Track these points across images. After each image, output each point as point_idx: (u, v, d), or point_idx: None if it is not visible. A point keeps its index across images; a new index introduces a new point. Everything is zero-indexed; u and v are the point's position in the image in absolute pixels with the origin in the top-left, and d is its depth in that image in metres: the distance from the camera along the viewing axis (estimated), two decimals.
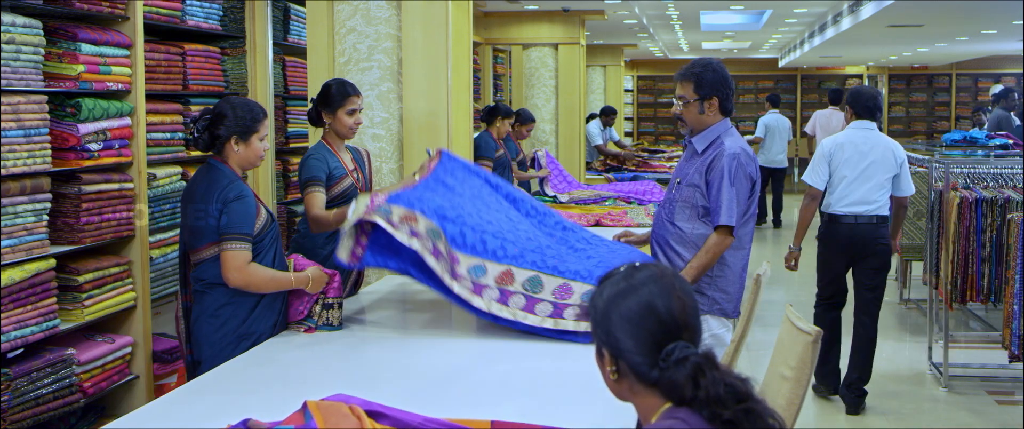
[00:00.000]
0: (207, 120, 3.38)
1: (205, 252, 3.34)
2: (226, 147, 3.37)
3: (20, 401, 3.38)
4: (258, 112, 3.42)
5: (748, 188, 3.68)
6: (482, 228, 3.46)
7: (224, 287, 3.32)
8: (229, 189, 3.30)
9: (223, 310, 3.34)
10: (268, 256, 3.40)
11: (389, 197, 3.42)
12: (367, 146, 4.53)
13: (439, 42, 4.47)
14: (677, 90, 3.77)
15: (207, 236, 3.31)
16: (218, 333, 3.34)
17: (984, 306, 6.78)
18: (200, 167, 3.48)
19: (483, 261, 3.37)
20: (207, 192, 3.31)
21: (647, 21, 12.34)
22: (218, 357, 3.26)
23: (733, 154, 3.65)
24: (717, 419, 1.60)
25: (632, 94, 21.71)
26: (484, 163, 6.56)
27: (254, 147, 3.40)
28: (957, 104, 20.47)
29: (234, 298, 3.33)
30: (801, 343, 2.41)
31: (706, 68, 3.70)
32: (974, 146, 6.71)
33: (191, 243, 3.39)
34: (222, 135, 3.36)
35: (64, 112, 3.70)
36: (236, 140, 3.36)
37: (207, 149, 3.41)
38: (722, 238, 3.63)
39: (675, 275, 1.74)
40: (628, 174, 10.07)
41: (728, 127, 3.75)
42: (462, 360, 3.15)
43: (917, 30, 11.69)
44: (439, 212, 3.42)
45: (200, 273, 3.38)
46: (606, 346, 1.72)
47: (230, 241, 3.26)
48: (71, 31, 3.70)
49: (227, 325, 3.33)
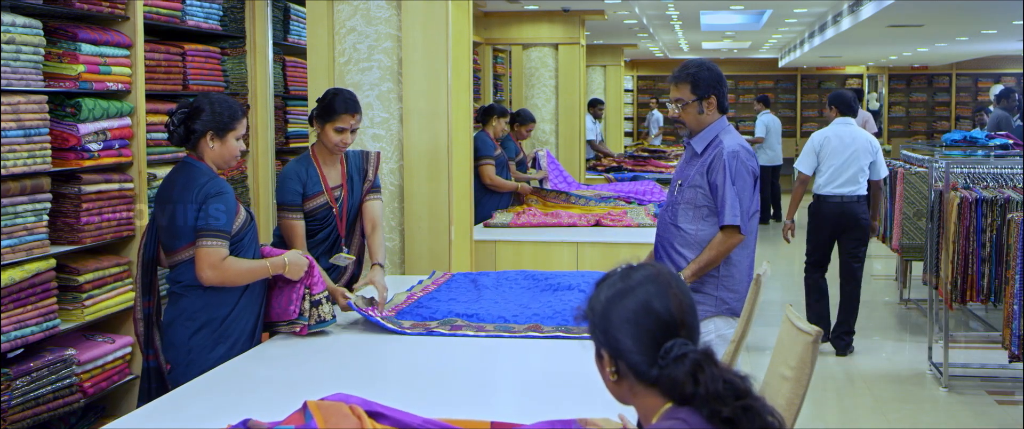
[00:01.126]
0: (184, 114, 3.29)
1: (184, 253, 3.24)
2: (201, 143, 3.28)
3: (20, 401, 3.38)
4: (236, 110, 3.34)
5: (751, 184, 3.67)
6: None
7: (203, 289, 3.24)
8: (209, 186, 3.21)
9: (201, 313, 3.25)
10: (246, 255, 3.32)
11: (398, 313, 3.60)
12: (367, 146, 4.52)
13: (439, 42, 4.46)
14: (672, 93, 3.76)
15: (186, 236, 3.22)
16: (195, 337, 3.25)
17: (984, 306, 6.78)
18: (175, 166, 3.39)
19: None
20: (185, 190, 3.22)
21: (647, 21, 12.34)
22: (193, 362, 3.20)
23: (733, 152, 3.65)
24: (716, 416, 1.60)
25: (632, 94, 21.71)
26: (486, 162, 6.54)
27: (230, 145, 3.32)
28: (957, 104, 20.47)
29: (212, 300, 3.25)
30: (801, 343, 2.41)
31: (701, 68, 3.70)
32: (974, 146, 6.71)
33: (169, 244, 3.28)
34: (198, 130, 3.26)
35: (64, 112, 3.70)
36: (212, 136, 3.27)
37: (182, 143, 3.32)
38: (727, 237, 3.63)
39: (671, 274, 1.75)
40: (628, 174, 10.07)
41: (725, 125, 3.75)
42: (462, 360, 3.15)
43: (917, 30, 11.69)
44: (452, 311, 3.61)
45: (178, 275, 3.28)
46: (605, 347, 1.73)
47: (206, 238, 3.17)
48: (71, 31, 3.70)
49: (205, 328, 3.25)
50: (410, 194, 4.52)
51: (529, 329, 3.40)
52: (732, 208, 3.61)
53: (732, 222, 3.61)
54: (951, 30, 12.25)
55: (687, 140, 3.79)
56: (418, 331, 3.39)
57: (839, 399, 5.57)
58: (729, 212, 3.61)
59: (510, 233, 5.86)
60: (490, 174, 6.57)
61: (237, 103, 3.40)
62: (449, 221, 4.53)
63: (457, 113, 4.66)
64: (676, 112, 3.75)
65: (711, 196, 3.67)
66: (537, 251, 5.58)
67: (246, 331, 3.33)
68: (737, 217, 3.61)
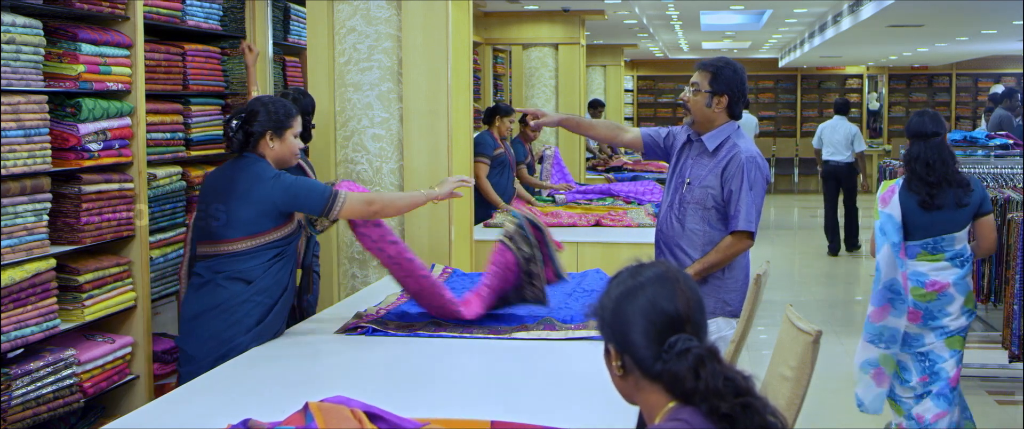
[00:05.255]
0: (241, 118, 3.38)
1: (238, 244, 3.30)
2: (260, 143, 3.38)
3: (20, 401, 3.38)
4: (291, 108, 3.45)
5: (764, 190, 3.70)
6: None
7: (245, 283, 3.29)
8: (282, 174, 3.33)
9: (242, 307, 3.29)
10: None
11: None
12: (367, 146, 4.53)
13: (439, 42, 4.46)
14: (694, 77, 3.76)
15: (244, 227, 3.29)
16: (231, 329, 3.28)
17: (984, 306, 6.78)
18: (234, 160, 3.44)
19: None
20: (256, 182, 3.30)
21: (647, 21, 12.34)
22: (225, 357, 3.21)
23: (751, 157, 3.65)
24: (715, 412, 1.61)
25: (632, 94, 21.70)
26: (480, 160, 6.51)
27: (289, 143, 3.42)
28: (957, 104, 20.46)
29: (254, 297, 3.30)
30: (801, 343, 2.41)
31: (727, 66, 3.70)
32: (974, 146, 6.71)
33: (221, 233, 3.32)
34: (257, 131, 3.36)
35: (64, 112, 3.70)
36: (271, 136, 3.38)
37: (242, 148, 3.39)
38: (738, 241, 3.63)
39: (680, 272, 1.77)
40: (628, 174, 10.07)
41: (737, 128, 3.75)
42: (462, 360, 3.15)
43: (917, 30, 11.69)
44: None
45: (220, 265, 3.32)
46: (613, 342, 1.75)
47: (335, 199, 3.32)
48: (71, 31, 3.70)
49: (241, 323, 3.28)
50: None
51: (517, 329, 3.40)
52: (747, 214, 3.60)
53: (747, 228, 3.60)
54: (951, 30, 12.25)
55: (695, 135, 3.77)
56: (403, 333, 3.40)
57: (839, 399, 5.56)
58: (743, 218, 3.60)
59: None
60: (480, 175, 6.50)
61: (289, 102, 3.51)
62: (449, 221, 4.54)
63: (457, 113, 4.65)
64: (687, 95, 3.75)
65: (723, 199, 3.66)
66: None
67: (274, 327, 3.38)
68: (752, 223, 3.61)
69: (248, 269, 3.30)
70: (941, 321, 4.40)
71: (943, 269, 4.38)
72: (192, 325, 3.36)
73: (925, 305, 4.40)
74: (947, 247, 4.37)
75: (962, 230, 4.39)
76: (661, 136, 3.96)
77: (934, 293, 4.39)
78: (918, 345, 4.45)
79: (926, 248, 4.38)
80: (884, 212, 4.38)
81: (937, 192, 4.32)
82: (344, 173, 4.56)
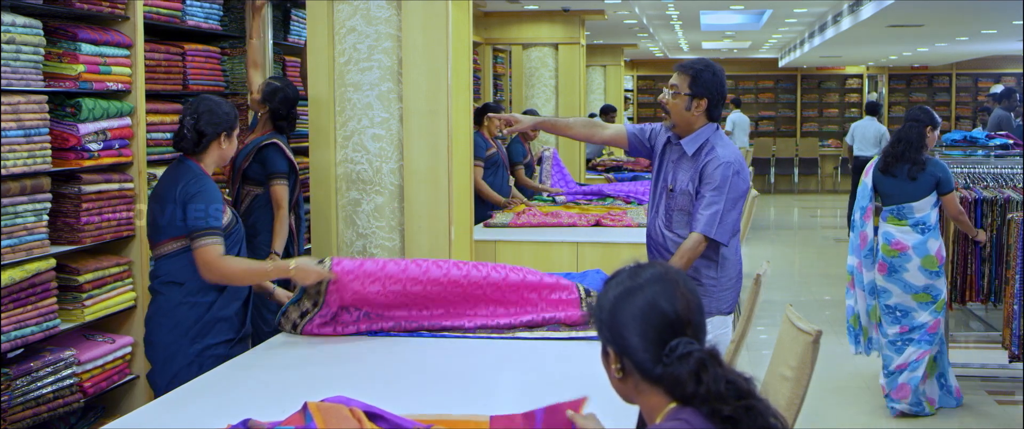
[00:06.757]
0: (194, 119, 3.35)
1: (166, 246, 3.30)
2: (212, 145, 3.38)
3: (20, 401, 3.38)
4: (233, 108, 3.50)
5: (740, 197, 3.62)
6: None
7: (180, 286, 3.28)
8: (190, 185, 3.28)
9: (177, 310, 3.28)
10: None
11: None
12: (367, 146, 4.52)
13: (439, 42, 4.45)
14: (673, 78, 3.74)
15: (168, 231, 3.28)
16: (170, 334, 3.27)
17: (984, 306, 6.78)
18: (171, 164, 3.47)
19: None
20: (172, 186, 3.29)
21: (647, 21, 12.34)
22: (172, 361, 3.22)
23: (727, 162, 3.59)
24: (717, 415, 1.60)
25: (632, 94, 21.69)
26: (475, 164, 6.48)
27: (234, 142, 3.47)
28: (957, 104, 20.46)
29: (188, 298, 3.28)
30: (801, 343, 2.41)
31: (707, 68, 3.67)
32: (974, 146, 6.71)
33: (153, 237, 3.35)
34: (210, 133, 3.36)
35: (64, 112, 3.70)
36: (225, 136, 3.40)
37: (193, 149, 3.38)
38: (698, 243, 3.56)
39: (679, 273, 1.76)
40: (628, 174, 10.07)
41: (715, 129, 3.72)
42: (462, 360, 3.15)
43: (917, 30, 11.69)
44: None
45: (158, 269, 3.34)
46: (611, 344, 1.74)
47: (203, 236, 3.20)
48: (71, 31, 3.70)
49: (180, 326, 3.27)
50: (410, 194, 4.51)
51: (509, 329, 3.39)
52: (710, 219, 3.53)
53: (705, 232, 3.53)
54: (951, 30, 12.26)
55: (676, 138, 3.75)
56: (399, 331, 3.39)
57: (839, 399, 5.56)
58: (705, 222, 3.53)
59: (510, 233, 5.86)
60: (476, 177, 6.45)
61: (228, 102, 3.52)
62: (449, 221, 4.53)
63: (457, 113, 4.65)
64: (666, 97, 3.73)
65: (695, 203, 3.60)
66: (537, 251, 5.58)
67: (227, 331, 3.34)
68: (712, 230, 3.53)
69: (178, 271, 3.28)
70: (901, 275, 5.32)
71: (906, 233, 5.30)
72: (147, 335, 3.37)
73: (890, 259, 5.35)
74: (908, 214, 5.29)
75: (920, 201, 5.27)
76: (645, 134, 3.94)
77: (897, 251, 5.32)
78: (886, 297, 5.39)
79: (893, 214, 5.36)
80: (863, 180, 5.52)
81: (893, 161, 5.33)
82: (344, 173, 4.55)
